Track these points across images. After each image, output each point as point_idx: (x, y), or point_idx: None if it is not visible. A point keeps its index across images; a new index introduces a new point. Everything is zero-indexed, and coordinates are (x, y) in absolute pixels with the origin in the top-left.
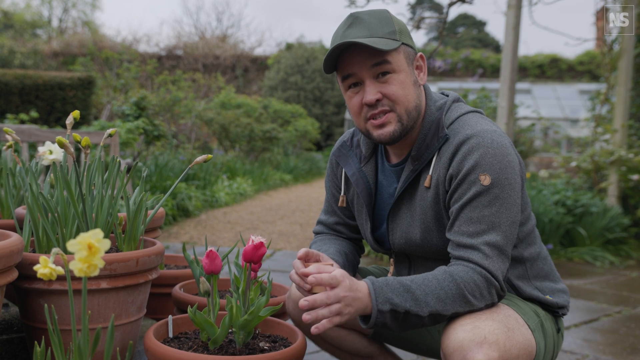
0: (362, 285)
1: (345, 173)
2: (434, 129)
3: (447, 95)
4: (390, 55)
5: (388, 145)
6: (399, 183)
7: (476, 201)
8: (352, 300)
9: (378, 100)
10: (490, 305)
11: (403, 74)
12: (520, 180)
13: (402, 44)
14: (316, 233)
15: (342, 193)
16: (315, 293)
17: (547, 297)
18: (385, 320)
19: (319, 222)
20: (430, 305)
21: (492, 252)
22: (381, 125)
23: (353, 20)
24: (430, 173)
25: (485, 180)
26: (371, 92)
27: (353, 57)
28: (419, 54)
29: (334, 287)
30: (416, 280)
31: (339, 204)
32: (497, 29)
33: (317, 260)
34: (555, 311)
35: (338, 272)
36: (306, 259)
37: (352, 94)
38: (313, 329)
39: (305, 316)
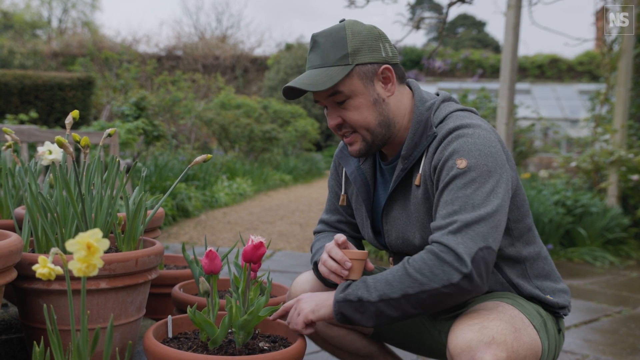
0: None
1: (345, 172)
2: (422, 128)
3: (439, 96)
4: (341, 84)
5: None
6: (391, 182)
7: (452, 184)
8: (311, 297)
9: (340, 124)
10: (449, 285)
11: (359, 98)
12: (505, 174)
13: (357, 65)
14: (317, 232)
15: (342, 192)
16: (351, 279)
17: (548, 296)
18: (342, 309)
19: (321, 221)
20: (379, 289)
21: (457, 227)
22: (350, 144)
23: (313, 44)
24: (420, 171)
25: (461, 163)
26: (332, 118)
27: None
28: (383, 66)
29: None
30: (376, 274)
31: (340, 203)
32: (496, 29)
33: (346, 248)
34: (557, 312)
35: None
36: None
37: (326, 115)
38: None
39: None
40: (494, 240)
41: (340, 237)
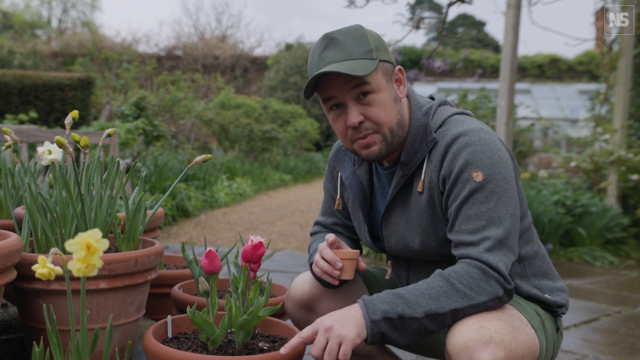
0: (353, 306)
1: (341, 176)
2: (421, 134)
3: (434, 99)
4: (368, 76)
5: (376, 162)
6: (390, 189)
7: (472, 198)
8: (341, 320)
9: (361, 122)
10: (495, 298)
11: (383, 93)
12: (514, 175)
13: (380, 61)
14: (313, 234)
15: (338, 196)
16: (344, 280)
17: (546, 295)
18: (382, 329)
19: (317, 224)
20: (423, 306)
21: (491, 245)
22: (367, 146)
23: (328, 41)
24: (422, 178)
25: (478, 176)
26: (354, 115)
27: (332, 81)
28: (398, 67)
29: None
30: (407, 288)
31: (336, 207)
32: (496, 29)
33: (339, 248)
34: (555, 310)
35: (315, 322)
36: (332, 246)
37: (336, 116)
38: None
39: None
40: (516, 250)
41: (330, 236)
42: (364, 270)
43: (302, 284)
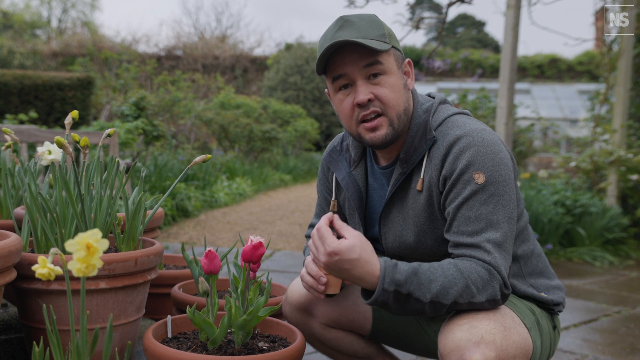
0: (375, 261)
1: (336, 177)
2: (421, 132)
3: (434, 98)
4: (382, 56)
5: (380, 149)
6: (389, 186)
7: (472, 200)
8: (358, 268)
9: (370, 101)
10: (492, 300)
11: (394, 77)
12: (513, 177)
13: (392, 47)
14: (308, 237)
15: (333, 197)
16: (329, 294)
17: (542, 294)
18: (387, 299)
19: (311, 226)
20: (432, 292)
21: (492, 248)
22: (373, 129)
23: (343, 22)
24: (421, 176)
25: (480, 178)
26: (363, 92)
27: (345, 57)
28: (407, 60)
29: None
30: (424, 267)
31: (331, 209)
32: (496, 29)
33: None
34: (551, 308)
35: (348, 242)
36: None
37: (343, 96)
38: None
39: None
40: (511, 253)
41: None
42: (350, 284)
43: (299, 287)
